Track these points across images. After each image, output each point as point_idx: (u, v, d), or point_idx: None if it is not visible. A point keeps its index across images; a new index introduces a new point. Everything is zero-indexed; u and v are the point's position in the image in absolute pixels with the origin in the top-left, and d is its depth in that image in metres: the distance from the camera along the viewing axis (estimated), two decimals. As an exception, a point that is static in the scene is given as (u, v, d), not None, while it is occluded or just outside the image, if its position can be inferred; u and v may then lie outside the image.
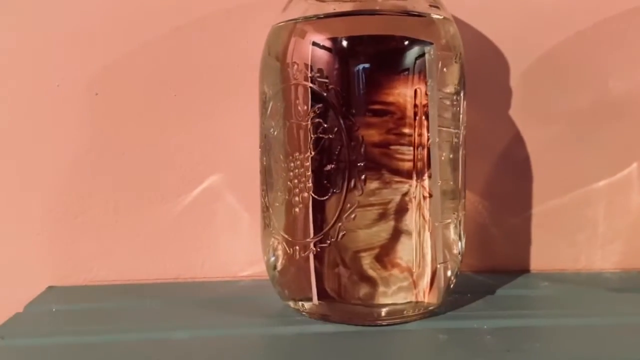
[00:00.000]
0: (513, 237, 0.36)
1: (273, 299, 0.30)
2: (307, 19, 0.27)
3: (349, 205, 0.25)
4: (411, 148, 0.25)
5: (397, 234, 0.26)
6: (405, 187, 0.25)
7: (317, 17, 0.27)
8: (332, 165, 0.25)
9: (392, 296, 0.26)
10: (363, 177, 0.25)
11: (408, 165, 0.25)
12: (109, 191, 0.34)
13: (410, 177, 0.25)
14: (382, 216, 0.26)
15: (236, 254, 0.35)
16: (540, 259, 0.36)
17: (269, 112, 0.28)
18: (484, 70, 0.35)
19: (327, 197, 0.25)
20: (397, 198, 0.25)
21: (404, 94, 0.25)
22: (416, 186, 0.25)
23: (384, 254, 0.26)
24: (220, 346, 0.25)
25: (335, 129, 0.25)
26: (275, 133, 0.27)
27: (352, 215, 0.25)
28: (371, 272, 0.26)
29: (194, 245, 0.35)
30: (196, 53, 0.34)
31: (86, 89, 0.34)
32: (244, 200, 0.35)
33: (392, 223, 0.26)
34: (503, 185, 0.36)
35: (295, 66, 0.26)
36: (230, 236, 0.35)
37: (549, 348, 0.23)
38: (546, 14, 0.35)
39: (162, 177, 0.35)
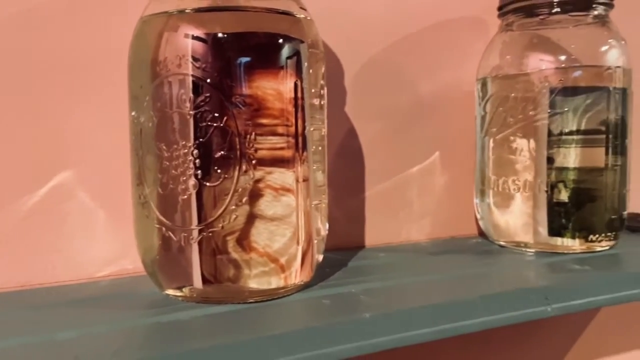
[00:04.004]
0: (351, 217, 0.42)
1: (146, 292, 0.30)
2: (181, 12, 0.28)
3: (241, 189, 0.27)
4: (290, 137, 0.28)
5: (270, 217, 0.28)
6: (287, 172, 0.28)
7: (194, 10, 0.28)
8: (223, 152, 0.26)
9: (266, 276, 0.28)
10: (253, 162, 0.27)
11: (288, 152, 0.28)
12: None
13: (290, 163, 0.28)
14: (263, 200, 0.28)
15: (91, 254, 0.33)
16: (372, 235, 0.42)
17: (145, 104, 0.28)
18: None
19: (217, 183, 0.27)
20: (282, 182, 0.28)
21: (283, 86, 0.28)
22: (297, 171, 0.28)
23: (244, 237, 0.28)
24: (108, 341, 0.24)
25: (224, 118, 0.26)
26: (154, 125, 0.27)
27: (244, 199, 0.27)
28: (236, 256, 0.28)
29: (42, 249, 0.32)
30: (43, 41, 0.31)
31: None
32: (99, 197, 0.33)
33: (268, 207, 0.28)
34: (342, 172, 0.41)
35: (174, 58, 0.27)
36: (84, 236, 0.33)
37: (412, 296, 0.29)
38: (373, 24, 0.41)
39: (1, 176, 0.31)
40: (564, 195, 0.39)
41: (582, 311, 0.31)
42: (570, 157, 0.39)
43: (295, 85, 0.28)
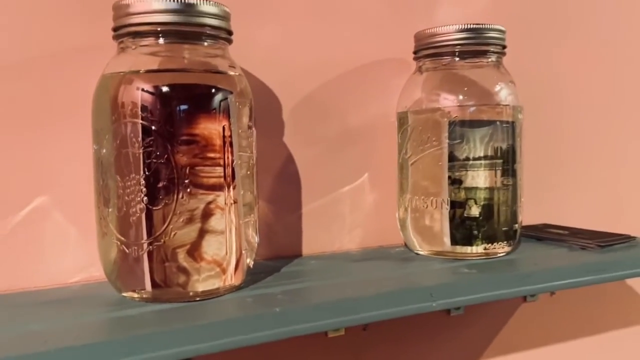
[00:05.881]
0: (290, 230, 0.49)
1: (107, 294, 0.37)
2: (135, 72, 0.35)
3: (179, 211, 0.34)
4: (221, 167, 0.35)
5: (212, 231, 0.35)
6: (218, 196, 0.35)
7: (145, 71, 0.35)
8: (163, 182, 0.34)
9: (203, 282, 0.35)
10: (189, 190, 0.34)
11: (220, 180, 0.35)
12: None
13: (222, 189, 0.35)
14: (200, 218, 0.35)
15: (65, 263, 0.40)
16: (308, 245, 0.50)
17: (104, 143, 0.35)
18: (264, 109, 0.47)
19: (159, 207, 0.34)
20: (212, 204, 0.35)
21: (214, 128, 0.35)
22: (226, 195, 0.35)
23: (194, 249, 0.35)
24: (71, 330, 0.30)
25: (165, 155, 0.34)
26: (112, 159, 0.35)
27: (181, 219, 0.34)
28: (185, 264, 0.35)
29: (24, 259, 0.39)
30: (24, 89, 0.39)
31: None
32: (71, 216, 0.40)
33: (209, 223, 0.35)
34: (282, 192, 0.48)
35: (128, 107, 0.34)
36: (58, 249, 0.40)
37: (320, 294, 0.36)
38: (306, 67, 0.48)
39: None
40: (475, 211, 0.47)
41: (463, 306, 0.38)
42: (480, 178, 0.46)
43: (224, 127, 0.35)
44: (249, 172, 0.38)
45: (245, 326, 0.32)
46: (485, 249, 0.46)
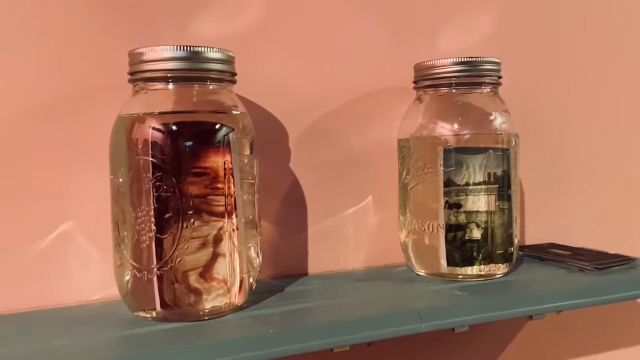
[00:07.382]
0: (295, 251, 0.52)
1: (124, 313, 0.40)
2: (147, 114, 0.39)
3: (183, 239, 0.37)
4: (223, 197, 0.39)
5: (215, 256, 0.39)
6: (220, 224, 0.38)
7: (158, 112, 0.39)
8: (170, 214, 0.37)
9: (212, 301, 0.39)
10: (192, 220, 0.37)
11: (222, 209, 0.39)
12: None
13: (223, 217, 0.39)
14: (204, 245, 0.38)
15: (87, 283, 0.44)
16: (314, 265, 0.52)
17: (120, 175, 0.39)
18: (272, 137, 0.50)
19: (167, 235, 0.37)
20: (215, 232, 0.38)
21: (217, 161, 0.38)
22: (227, 223, 0.39)
23: (206, 271, 0.39)
24: (88, 347, 0.34)
25: (172, 188, 0.37)
26: (126, 191, 0.38)
27: (185, 246, 0.37)
28: (196, 285, 0.38)
29: (50, 279, 0.43)
30: (51, 126, 0.43)
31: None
32: (93, 240, 0.44)
33: (211, 249, 0.39)
34: (288, 214, 0.51)
35: (139, 144, 0.38)
36: (82, 270, 0.44)
37: (316, 315, 0.39)
38: (311, 96, 0.51)
39: (21, 225, 0.42)
40: (476, 234, 0.48)
41: (451, 327, 0.40)
42: (481, 202, 0.48)
43: (226, 161, 0.39)
44: (251, 197, 0.41)
45: (241, 346, 0.35)
46: (480, 270, 0.48)
